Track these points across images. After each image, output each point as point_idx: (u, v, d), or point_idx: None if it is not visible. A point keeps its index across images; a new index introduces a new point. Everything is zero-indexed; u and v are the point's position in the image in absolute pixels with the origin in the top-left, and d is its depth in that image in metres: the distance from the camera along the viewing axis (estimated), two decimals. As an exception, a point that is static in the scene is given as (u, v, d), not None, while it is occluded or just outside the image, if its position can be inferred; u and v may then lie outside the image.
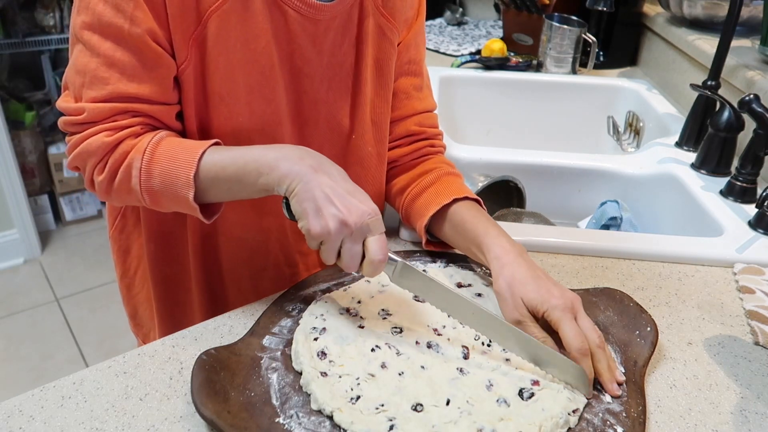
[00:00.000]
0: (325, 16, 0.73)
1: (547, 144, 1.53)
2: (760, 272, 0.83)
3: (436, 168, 0.86)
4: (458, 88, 1.54)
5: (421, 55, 0.88)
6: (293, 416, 0.57)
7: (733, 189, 1.00)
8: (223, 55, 0.70)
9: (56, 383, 0.63)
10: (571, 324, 0.63)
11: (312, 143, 0.80)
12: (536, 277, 0.67)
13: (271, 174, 0.63)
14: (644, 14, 1.62)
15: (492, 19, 2.13)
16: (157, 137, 0.68)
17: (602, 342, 0.63)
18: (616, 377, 0.62)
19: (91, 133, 0.68)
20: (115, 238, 0.91)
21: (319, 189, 0.61)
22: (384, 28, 0.80)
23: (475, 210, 0.78)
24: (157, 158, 0.67)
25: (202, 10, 0.68)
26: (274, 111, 0.75)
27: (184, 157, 0.66)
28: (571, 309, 0.64)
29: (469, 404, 0.58)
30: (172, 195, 0.67)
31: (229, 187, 0.67)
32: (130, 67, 0.67)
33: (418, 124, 0.89)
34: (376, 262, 0.62)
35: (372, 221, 0.61)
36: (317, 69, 0.77)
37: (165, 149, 0.67)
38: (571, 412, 0.58)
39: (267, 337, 0.67)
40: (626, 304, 0.72)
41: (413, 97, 0.88)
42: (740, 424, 0.61)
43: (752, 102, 0.94)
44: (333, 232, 0.60)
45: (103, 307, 2.30)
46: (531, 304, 0.65)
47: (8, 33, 2.36)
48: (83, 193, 2.73)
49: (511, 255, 0.69)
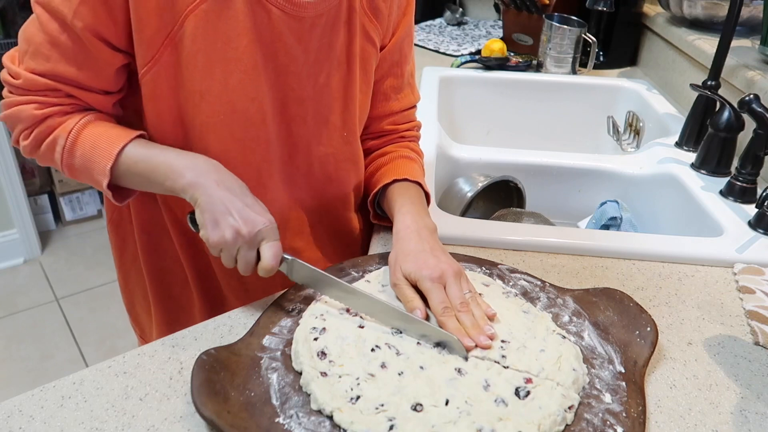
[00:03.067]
0: (309, 13, 0.73)
1: (547, 144, 1.53)
2: (760, 272, 0.83)
3: (393, 151, 0.91)
4: (458, 88, 1.54)
5: (404, 58, 0.89)
6: (293, 416, 0.57)
7: (733, 189, 1.00)
8: (202, 54, 0.70)
9: (56, 383, 0.62)
10: (436, 292, 0.68)
11: (300, 141, 0.81)
12: (419, 251, 0.72)
13: (177, 181, 0.69)
14: (644, 14, 1.62)
15: (492, 19, 2.13)
16: (84, 120, 0.71)
17: (465, 305, 0.67)
18: (484, 331, 0.65)
19: (22, 101, 0.71)
20: (111, 230, 0.92)
21: (220, 202, 0.67)
22: (368, 28, 0.81)
23: (404, 189, 0.83)
24: (80, 142, 0.70)
25: (179, 10, 0.68)
26: (258, 109, 0.75)
27: (105, 147, 0.70)
28: (439, 278, 0.69)
29: (467, 404, 0.58)
30: (89, 177, 0.72)
31: (140, 182, 0.73)
32: (72, 53, 0.68)
33: (392, 123, 0.92)
34: (267, 267, 0.68)
35: (265, 230, 0.67)
36: (303, 66, 0.77)
37: (89, 134, 0.71)
38: (567, 408, 0.59)
39: (267, 337, 0.67)
40: (626, 304, 0.72)
41: (391, 98, 0.90)
42: (740, 424, 0.61)
43: (752, 102, 0.94)
44: (229, 241, 0.66)
45: (103, 307, 2.30)
46: (406, 273, 0.71)
47: (8, 33, 2.36)
48: (83, 193, 2.73)
49: (408, 231, 0.76)
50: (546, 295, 0.75)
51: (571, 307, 0.73)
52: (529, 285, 0.77)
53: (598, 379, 0.64)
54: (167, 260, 0.87)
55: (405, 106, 0.92)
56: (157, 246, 0.87)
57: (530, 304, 0.72)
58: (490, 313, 0.68)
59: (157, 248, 0.87)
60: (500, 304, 0.71)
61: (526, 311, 0.70)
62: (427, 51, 1.78)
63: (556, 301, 0.74)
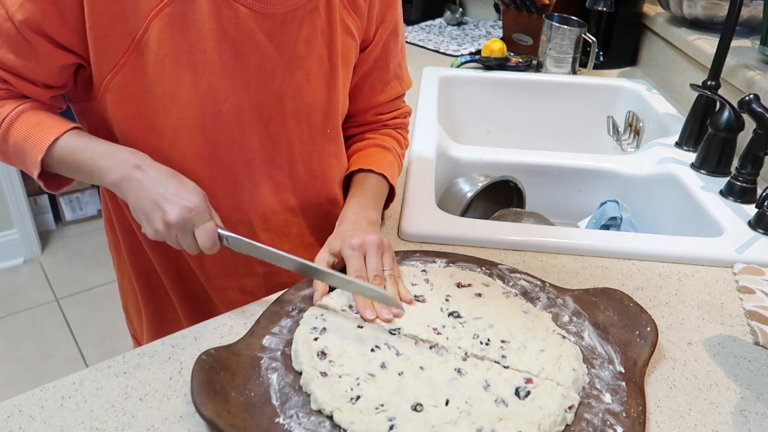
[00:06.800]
0: (279, 9, 0.72)
1: (547, 144, 1.53)
2: (760, 272, 0.83)
3: (370, 138, 0.92)
4: (458, 88, 1.54)
5: (391, 51, 0.89)
6: (293, 416, 0.57)
7: (732, 189, 1.00)
8: (169, 57, 0.70)
9: (56, 383, 0.62)
10: (354, 260, 0.72)
11: (281, 140, 0.80)
12: (350, 229, 0.76)
13: (104, 179, 0.70)
14: (644, 14, 1.62)
15: (492, 19, 2.13)
16: (19, 109, 0.71)
17: (380, 278, 0.71)
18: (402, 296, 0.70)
19: None
20: (108, 230, 0.92)
21: (146, 197, 0.68)
22: (347, 22, 0.80)
23: (362, 180, 0.86)
24: (12, 131, 0.71)
25: (142, 15, 0.67)
26: (231, 110, 0.75)
27: (36, 140, 0.70)
28: (360, 247, 0.73)
29: (467, 404, 0.58)
30: (22, 165, 0.73)
31: (72, 174, 0.74)
32: (14, 41, 0.68)
33: (377, 113, 0.93)
34: (205, 249, 0.70)
35: (193, 216, 0.68)
36: (278, 64, 0.75)
37: (22, 125, 0.71)
38: (567, 408, 0.59)
39: (267, 337, 0.67)
40: (626, 304, 0.72)
41: (377, 90, 0.91)
42: (740, 424, 0.61)
43: (752, 102, 0.94)
44: (163, 233, 0.69)
45: (103, 307, 2.30)
46: (333, 250, 0.75)
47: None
48: (83, 193, 2.73)
49: (346, 219, 0.80)
50: (546, 295, 0.75)
51: (571, 307, 0.73)
52: (529, 285, 0.77)
53: (598, 379, 0.64)
54: (150, 262, 0.87)
55: (391, 97, 0.92)
56: (138, 246, 0.87)
57: (530, 304, 0.72)
58: (407, 297, 0.70)
59: (139, 249, 0.87)
60: (500, 304, 0.71)
61: (526, 311, 0.70)
62: (427, 51, 1.78)
63: (556, 301, 0.74)
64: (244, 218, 0.83)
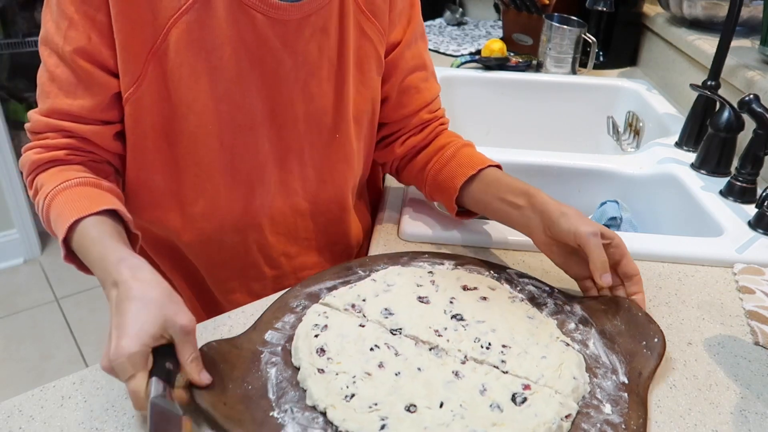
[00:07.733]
0: (293, 16, 0.73)
1: (547, 144, 1.53)
2: (760, 272, 0.83)
3: (451, 142, 0.90)
4: (458, 88, 1.54)
5: (421, 49, 0.89)
6: (287, 411, 0.58)
7: (732, 189, 1.00)
8: (187, 65, 0.70)
9: (56, 383, 0.63)
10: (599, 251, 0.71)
11: (292, 144, 0.81)
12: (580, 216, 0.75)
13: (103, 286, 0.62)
14: (644, 14, 1.62)
15: (492, 19, 2.13)
16: (60, 187, 0.69)
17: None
18: None
19: (28, 147, 0.73)
20: None
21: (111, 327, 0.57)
22: (364, 26, 0.80)
23: (499, 174, 0.84)
24: (52, 208, 0.69)
25: (160, 24, 0.68)
26: (246, 116, 0.75)
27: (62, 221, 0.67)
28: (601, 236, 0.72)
29: (462, 408, 0.58)
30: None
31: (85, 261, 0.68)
32: (67, 84, 0.69)
33: (429, 111, 0.92)
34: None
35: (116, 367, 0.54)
36: (291, 70, 0.76)
37: (59, 202, 0.69)
38: (564, 417, 0.58)
39: (269, 332, 0.67)
40: (635, 313, 0.70)
41: (422, 89, 0.90)
42: (740, 424, 0.61)
43: (752, 102, 0.94)
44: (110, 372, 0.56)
45: (103, 307, 2.30)
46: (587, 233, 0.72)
47: (8, 33, 2.36)
48: (83, 193, 2.73)
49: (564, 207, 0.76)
50: (553, 302, 0.74)
51: (578, 315, 0.72)
52: (536, 290, 0.76)
53: (599, 389, 0.62)
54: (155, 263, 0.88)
55: (435, 94, 0.93)
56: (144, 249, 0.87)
57: (536, 310, 0.72)
58: None
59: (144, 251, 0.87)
60: (505, 308, 0.71)
61: (531, 317, 0.70)
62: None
63: (564, 307, 0.73)
64: (254, 221, 0.84)
